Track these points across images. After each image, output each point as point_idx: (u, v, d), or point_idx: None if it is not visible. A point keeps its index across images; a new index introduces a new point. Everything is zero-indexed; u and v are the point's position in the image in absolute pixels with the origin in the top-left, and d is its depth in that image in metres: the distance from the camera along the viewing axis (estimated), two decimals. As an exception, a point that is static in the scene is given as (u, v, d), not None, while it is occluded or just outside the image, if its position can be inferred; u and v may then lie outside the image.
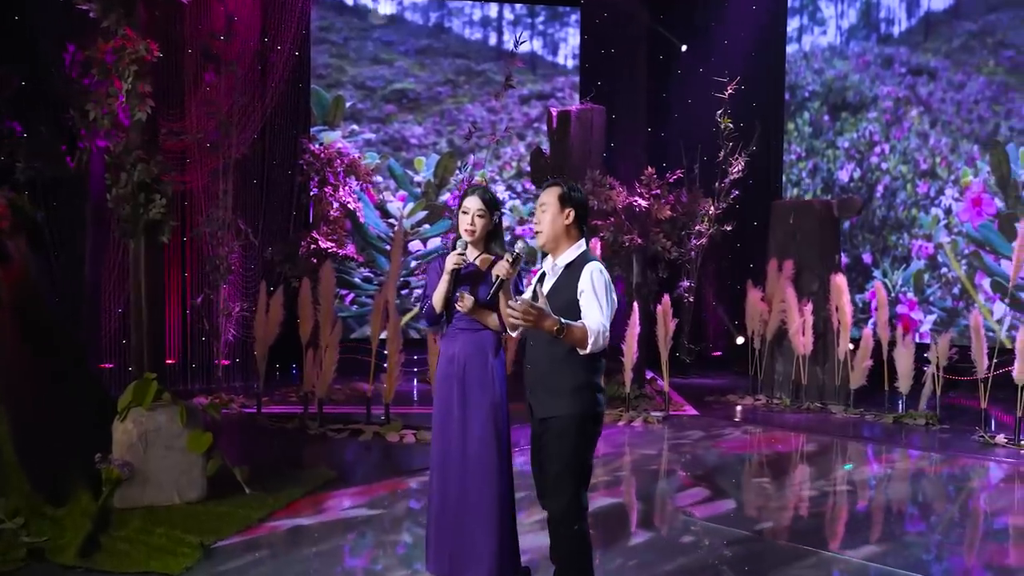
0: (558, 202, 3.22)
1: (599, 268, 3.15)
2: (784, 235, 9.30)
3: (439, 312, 3.65)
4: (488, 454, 3.58)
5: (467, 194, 3.72)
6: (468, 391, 3.62)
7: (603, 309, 3.06)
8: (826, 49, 11.65)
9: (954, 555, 4.48)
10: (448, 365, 3.67)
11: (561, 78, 11.90)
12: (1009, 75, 10.00)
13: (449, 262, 3.55)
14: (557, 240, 3.22)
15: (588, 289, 3.10)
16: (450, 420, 3.64)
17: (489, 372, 3.64)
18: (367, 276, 11.15)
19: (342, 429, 7.03)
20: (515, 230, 11.67)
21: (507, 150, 11.61)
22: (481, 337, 3.64)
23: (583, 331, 3.01)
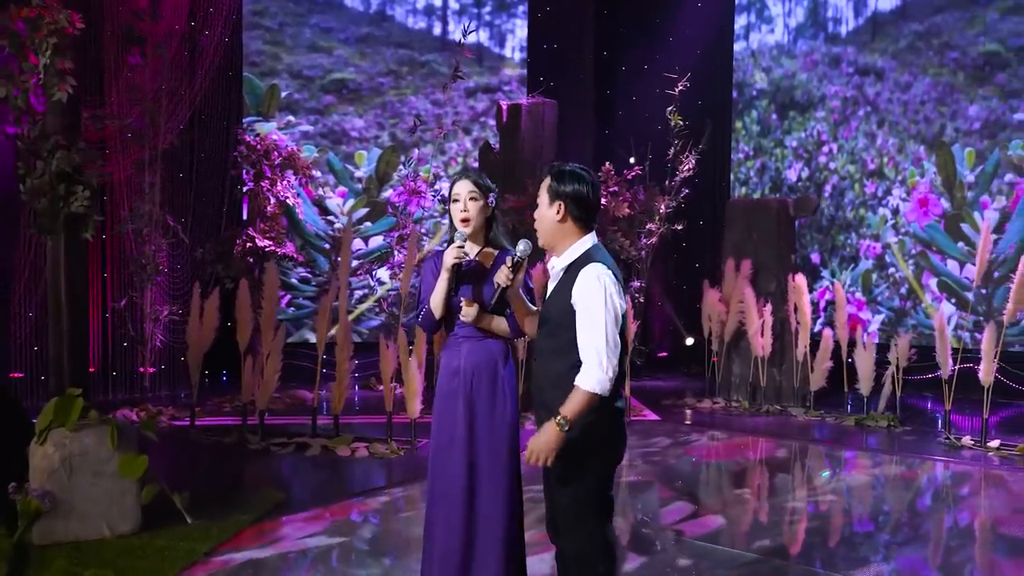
0: (546, 195, 2.75)
1: (596, 273, 2.62)
2: (740, 235, 9.12)
3: (439, 318, 3.20)
4: (501, 480, 3.13)
5: (452, 182, 3.28)
6: (476, 408, 3.17)
7: (600, 332, 2.56)
8: (774, 47, 11.58)
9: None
10: (451, 379, 3.21)
11: (508, 71, 11.51)
12: (954, 76, 10.07)
13: (448, 257, 3.09)
14: (554, 240, 2.76)
15: (580, 304, 2.61)
16: (455, 441, 3.17)
17: (499, 385, 3.20)
18: (304, 276, 10.52)
19: (286, 443, 6.47)
20: (461, 228, 11.21)
21: (452, 145, 11.14)
22: (488, 346, 3.20)
23: (579, 399, 2.55)
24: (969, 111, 9.95)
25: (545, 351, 2.79)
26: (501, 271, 2.90)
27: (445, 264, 3.10)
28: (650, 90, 11.77)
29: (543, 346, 2.81)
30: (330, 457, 6.20)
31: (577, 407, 2.56)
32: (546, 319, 2.80)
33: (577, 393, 2.57)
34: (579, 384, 2.57)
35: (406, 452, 6.35)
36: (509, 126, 9.69)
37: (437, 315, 3.17)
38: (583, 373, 2.58)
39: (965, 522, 5.13)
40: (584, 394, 2.56)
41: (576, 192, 2.72)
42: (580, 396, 2.56)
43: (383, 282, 10.29)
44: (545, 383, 2.77)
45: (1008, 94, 9.70)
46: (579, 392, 2.57)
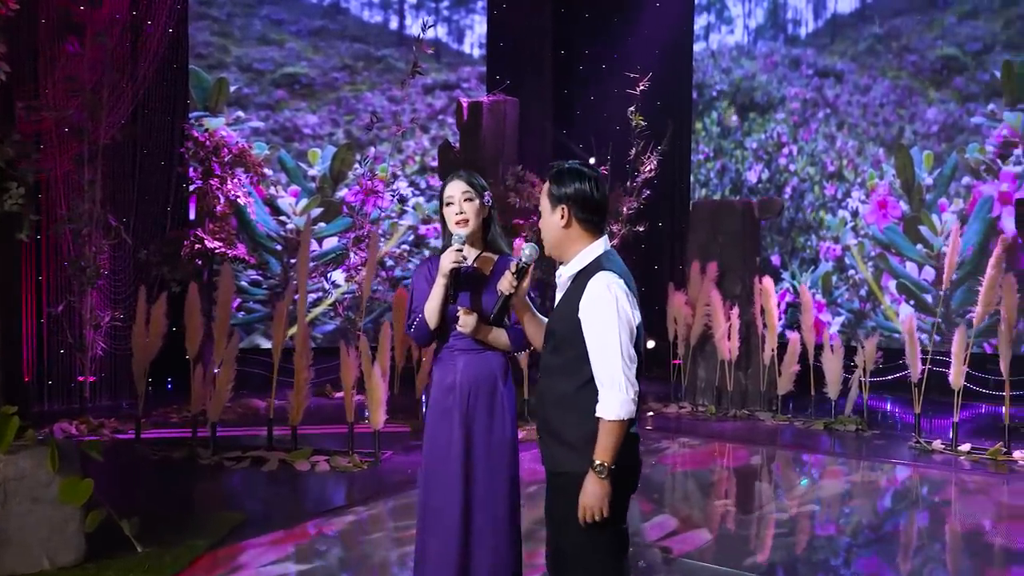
0: (547, 201, 2.48)
1: (606, 283, 2.33)
2: (705, 236, 8.99)
3: (433, 328, 2.91)
4: (499, 507, 2.87)
5: (445, 183, 3.01)
6: (473, 427, 2.90)
7: (615, 350, 2.29)
8: (733, 48, 11.52)
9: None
10: (445, 396, 2.93)
11: (467, 68, 11.22)
12: (913, 79, 10.12)
13: (445, 261, 2.81)
14: (561, 248, 2.48)
15: (588, 318, 2.33)
16: (449, 465, 2.89)
17: (498, 403, 2.94)
18: (255, 279, 10.07)
19: (241, 457, 6.08)
20: (418, 230, 10.89)
21: (410, 143, 10.81)
22: (487, 359, 2.93)
23: (608, 433, 2.28)
24: (927, 114, 10.02)
25: (549, 369, 2.52)
26: (505, 278, 2.63)
27: (442, 269, 2.82)
28: (608, 90, 11.64)
29: (547, 363, 2.54)
30: (289, 472, 5.84)
31: (610, 443, 2.29)
32: (551, 334, 2.53)
33: (603, 428, 2.30)
34: (602, 416, 2.30)
35: (370, 466, 6.02)
36: (470, 124, 9.44)
37: (432, 325, 2.89)
38: (603, 402, 2.31)
39: (960, 533, 5.03)
40: (611, 426, 2.29)
41: (579, 192, 2.43)
42: (608, 430, 2.29)
43: (338, 285, 9.91)
44: (549, 404, 2.50)
45: (965, 98, 9.78)
46: (605, 426, 2.30)
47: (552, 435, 2.48)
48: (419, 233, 10.86)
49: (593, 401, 2.36)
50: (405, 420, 7.41)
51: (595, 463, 2.30)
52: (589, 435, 2.36)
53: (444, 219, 3.01)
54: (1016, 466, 6.30)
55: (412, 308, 3.01)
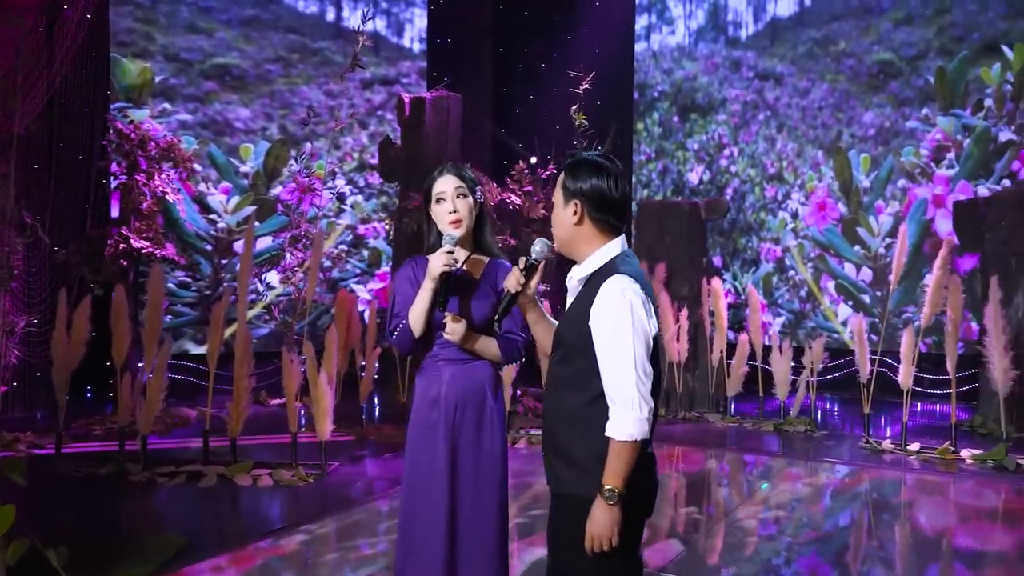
0: (561, 194, 2.25)
1: (620, 287, 2.10)
2: (652, 237, 8.92)
3: (418, 335, 2.65)
4: (487, 532, 2.62)
5: (434, 178, 2.74)
6: (460, 444, 2.65)
7: (628, 363, 2.06)
8: (675, 49, 11.52)
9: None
10: (430, 410, 2.68)
11: (407, 63, 10.89)
12: (851, 83, 10.28)
13: (435, 263, 2.56)
14: (572, 246, 2.25)
15: (600, 327, 2.10)
16: (434, 485, 2.63)
17: (487, 417, 2.69)
18: (183, 281, 9.53)
19: (175, 472, 5.64)
20: (356, 229, 10.51)
21: (348, 140, 10.42)
22: (475, 370, 2.68)
23: (618, 455, 2.06)
24: (864, 118, 10.18)
25: (556, 380, 2.28)
26: (512, 274, 2.37)
27: (431, 272, 2.56)
28: (548, 89, 11.48)
29: (555, 374, 2.30)
30: (229, 488, 5.44)
31: (620, 466, 2.06)
32: (559, 342, 2.29)
33: (613, 449, 2.07)
34: (612, 436, 2.07)
35: (316, 478, 5.67)
36: (412, 120, 9.12)
37: (417, 332, 2.63)
38: (614, 420, 2.09)
39: (928, 534, 5.00)
40: (621, 447, 2.07)
41: (595, 188, 2.20)
42: (618, 451, 2.07)
43: (272, 287, 9.46)
44: (555, 419, 2.26)
45: (901, 102, 9.97)
46: (615, 447, 2.07)
47: (558, 453, 2.25)
48: (358, 233, 10.48)
49: (604, 418, 2.13)
50: (349, 428, 7.08)
51: (604, 488, 2.08)
52: (599, 455, 2.13)
53: (429, 216, 2.75)
54: (964, 464, 6.37)
55: (394, 312, 2.74)
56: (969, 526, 5.05)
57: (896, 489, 5.96)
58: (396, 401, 8.36)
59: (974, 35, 9.59)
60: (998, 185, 9.30)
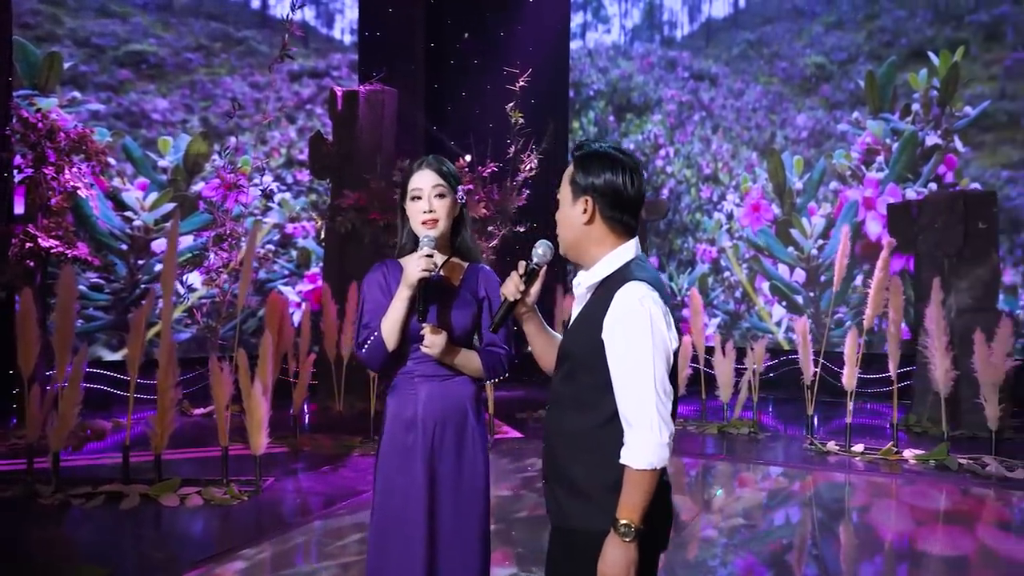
0: (569, 189, 2.01)
1: (638, 295, 1.87)
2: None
3: (392, 348, 2.37)
4: (470, 565, 2.35)
5: (411, 171, 2.46)
6: (439, 470, 2.39)
7: (648, 381, 1.84)
8: (610, 48, 11.43)
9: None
10: (405, 433, 2.40)
11: (338, 55, 10.46)
12: (784, 85, 10.37)
13: (412, 269, 2.28)
14: (580, 248, 2.02)
15: (614, 340, 1.87)
16: (411, 515, 2.36)
17: (468, 439, 2.44)
18: (95, 283, 8.87)
19: (92, 493, 5.15)
20: (284, 228, 10.02)
21: (275, 134, 9.93)
22: (455, 387, 2.42)
23: (635, 485, 1.83)
24: (797, 120, 10.29)
25: (561, 400, 2.03)
26: (510, 280, 2.10)
27: (408, 278, 2.28)
28: (481, 86, 11.25)
29: (559, 392, 2.05)
30: (154, 509, 4.99)
31: (638, 498, 1.83)
32: (565, 356, 2.04)
33: (630, 479, 1.84)
34: (629, 463, 1.84)
35: (251, 496, 5.27)
36: (345, 115, 8.76)
37: (391, 345, 2.35)
38: (630, 446, 1.86)
39: (892, 539, 4.95)
40: (639, 476, 1.84)
41: (609, 184, 1.96)
42: (635, 481, 1.84)
43: (194, 288, 8.91)
44: (560, 444, 2.01)
45: (832, 105, 10.11)
46: (632, 476, 1.84)
47: (561, 481, 2.00)
48: (285, 232, 10.00)
49: (615, 442, 1.90)
50: (282, 439, 6.67)
51: (619, 523, 1.84)
52: (609, 484, 1.90)
53: (404, 214, 2.47)
54: (907, 465, 6.41)
55: (364, 323, 2.45)
56: (929, 529, 5.04)
57: (849, 492, 5.94)
58: (331, 409, 7.97)
59: (902, 41, 9.79)
60: (925, 188, 9.52)
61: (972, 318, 7.40)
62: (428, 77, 11.66)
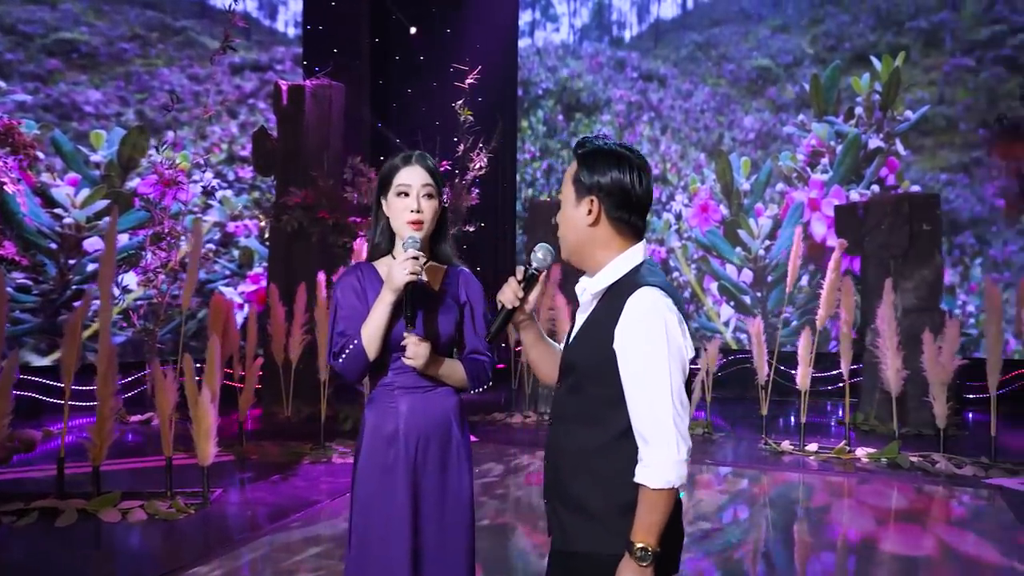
0: (572, 189, 1.89)
1: (651, 301, 1.76)
2: (546, 237, 8.62)
3: (373, 358, 2.21)
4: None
5: (397, 165, 2.30)
6: (422, 488, 2.24)
7: (664, 393, 1.72)
8: (559, 47, 11.36)
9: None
10: (385, 448, 2.24)
11: (281, 48, 10.14)
12: (731, 87, 10.45)
13: (398, 272, 2.13)
14: (582, 252, 1.90)
15: (628, 350, 1.75)
16: (392, 537, 2.20)
17: (453, 454, 2.29)
18: (23, 284, 8.39)
19: (24, 510, 4.81)
20: (225, 227, 9.66)
21: (216, 129, 9.57)
22: (438, 399, 2.27)
23: (652, 506, 1.71)
24: (744, 122, 10.38)
25: (565, 415, 1.90)
26: (508, 287, 1.97)
27: (393, 282, 2.13)
28: (427, 83, 11.08)
29: (563, 406, 1.92)
30: (93, 525, 4.68)
31: (655, 519, 1.72)
32: (569, 368, 1.91)
33: (646, 499, 1.72)
34: (645, 483, 1.72)
35: (198, 509, 5.00)
36: (290, 110, 8.47)
37: (372, 354, 2.18)
38: (646, 464, 1.74)
39: (855, 538, 4.96)
40: (657, 496, 1.72)
41: (616, 182, 1.84)
42: (652, 502, 1.72)
43: (130, 290, 8.51)
44: (565, 462, 1.88)
45: (778, 108, 10.23)
46: (648, 497, 1.72)
47: (566, 502, 1.87)
48: (227, 231, 9.64)
49: (626, 459, 1.79)
50: (227, 447, 6.38)
51: (635, 547, 1.72)
52: (621, 505, 1.78)
53: (379, 208, 2.31)
54: (860, 463, 6.48)
55: (339, 331, 2.27)
56: (890, 528, 5.07)
57: (808, 492, 5.96)
58: (277, 415, 7.68)
59: (845, 45, 9.97)
60: (868, 190, 9.70)
61: (918, 318, 7.56)
62: (373, 73, 11.42)
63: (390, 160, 2.34)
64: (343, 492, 5.40)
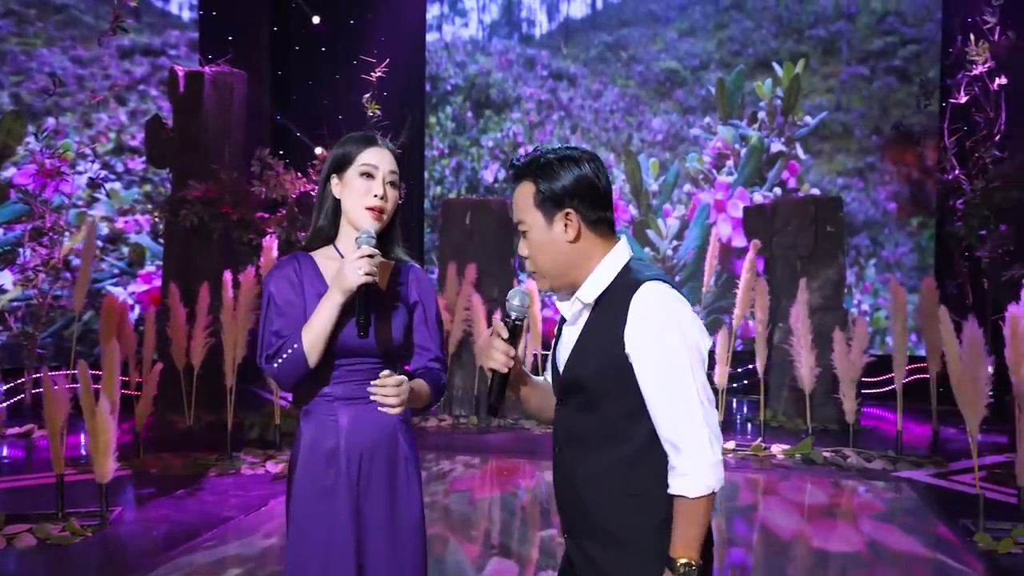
0: (537, 211, 1.72)
1: (659, 294, 1.64)
2: (460, 236, 8.47)
3: (314, 365, 1.95)
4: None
5: (360, 144, 2.06)
6: (368, 513, 2.00)
7: (692, 392, 1.60)
8: (468, 42, 11.16)
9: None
10: (325, 469, 2.00)
11: (175, 32, 9.50)
12: (640, 88, 10.53)
13: (351, 270, 1.90)
14: (571, 274, 1.74)
15: (646, 352, 1.62)
16: (331, 566, 1.96)
17: (403, 473, 2.07)
18: None
19: None
20: (114, 222, 8.97)
21: (102, 116, 8.86)
22: (382, 411, 2.02)
23: (691, 515, 1.59)
24: (653, 123, 10.48)
25: (578, 439, 1.73)
26: (493, 348, 1.75)
27: (345, 281, 1.89)
28: (330, 75, 10.69)
29: (570, 431, 1.75)
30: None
31: (696, 531, 1.59)
32: (572, 388, 1.74)
33: (684, 510, 1.59)
34: (683, 492, 1.59)
35: (95, 530, 4.55)
36: (188, 98, 7.95)
37: (312, 360, 1.94)
38: (682, 471, 1.60)
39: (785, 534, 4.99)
40: (696, 505, 1.59)
41: (581, 183, 1.71)
42: (691, 511, 1.58)
43: (5, 290, 7.77)
44: (585, 491, 1.71)
45: (686, 110, 10.38)
46: (686, 507, 1.59)
47: (594, 535, 1.69)
48: (115, 226, 8.96)
49: (655, 472, 1.65)
50: (124, 460, 5.87)
51: (677, 563, 1.58)
52: (655, 524, 1.65)
53: (325, 187, 2.07)
54: (775, 460, 6.59)
55: (274, 330, 1.99)
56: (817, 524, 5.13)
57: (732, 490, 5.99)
58: (176, 424, 7.16)
59: (749, 51, 10.21)
60: (771, 192, 9.97)
61: (823, 316, 7.77)
62: (272, 63, 10.91)
63: (347, 137, 2.10)
64: (257, 506, 5.05)
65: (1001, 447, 6.67)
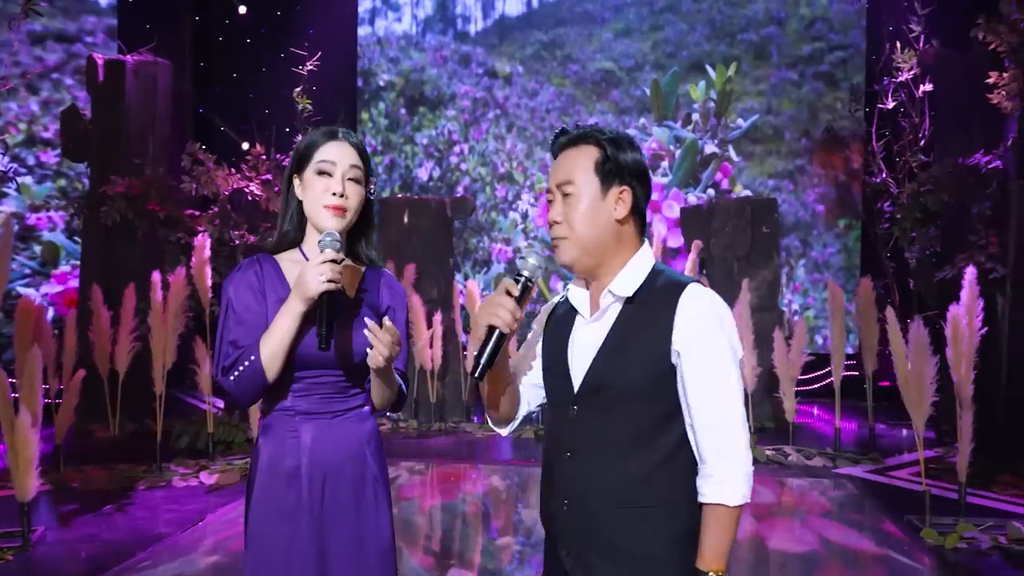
0: (594, 175, 1.65)
1: (710, 301, 1.58)
2: (398, 235, 8.26)
3: (273, 378, 1.80)
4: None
5: (318, 139, 1.89)
6: (332, 537, 1.85)
7: (735, 401, 1.55)
8: (402, 38, 10.94)
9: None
10: (285, 490, 1.84)
11: (92, 18, 8.98)
12: (576, 88, 10.52)
13: (312, 276, 1.74)
14: (600, 253, 1.65)
15: (695, 360, 1.55)
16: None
17: (371, 493, 1.92)
18: None
19: None
20: (26, 219, 8.41)
21: (12, 106, 8.30)
22: (350, 426, 1.90)
23: (724, 523, 1.52)
24: (589, 123, 10.45)
25: (595, 446, 1.62)
26: (501, 305, 1.61)
27: (306, 289, 1.74)
28: (255, 68, 10.36)
29: (588, 437, 1.64)
30: None
31: (725, 542, 1.53)
32: (602, 388, 1.62)
33: (717, 519, 1.52)
34: (721, 501, 1.52)
35: (17, 552, 4.20)
36: (108, 88, 7.53)
37: (271, 374, 1.78)
38: (720, 480, 1.53)
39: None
40: (728, 515, 1.53)
41: (642, 167, 1.68)
42: (723, 520, 1.52)
43: (-97, 291, 7.16)
44: (603, 505, 1.61)
45: (621, 110, 10.42)
46: (720, 515, 1.52)
47: (612, 555, 1.60)
48: (26, 223, 8.40)
49: (682, 480, 1.58)
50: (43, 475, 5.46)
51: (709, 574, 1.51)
52: (678, 536, 1.57)
53: (290, 188, 1.91)
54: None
55: (231, 340, 1.83)
56: (767, 522, 5.16)
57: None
58: (98, 434, 6.74)
59: (683, 53, 10.31)
60: (704, 193, 10.09)
61: (759, 317, 7.88)
62: (194, 53, 10.45)
63: (309, 133, 1.93)
64: (194, 521, 4.77)
65: (931, 442, 6.89)
